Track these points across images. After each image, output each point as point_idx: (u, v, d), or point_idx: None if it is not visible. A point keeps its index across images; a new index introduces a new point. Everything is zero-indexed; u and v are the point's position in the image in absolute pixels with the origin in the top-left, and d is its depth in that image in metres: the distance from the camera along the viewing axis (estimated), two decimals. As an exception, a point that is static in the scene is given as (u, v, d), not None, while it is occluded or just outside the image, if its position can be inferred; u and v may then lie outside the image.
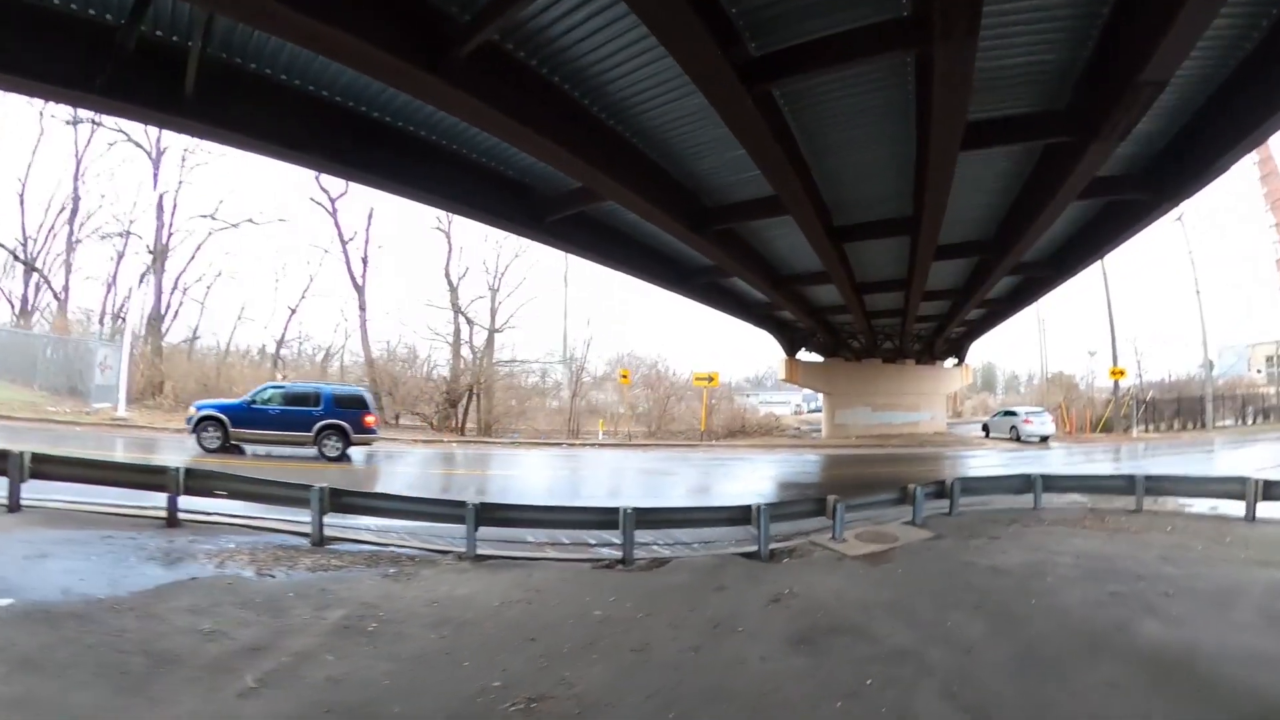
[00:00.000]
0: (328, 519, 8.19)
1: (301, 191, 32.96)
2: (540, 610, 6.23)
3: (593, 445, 24.04)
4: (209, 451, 14.81)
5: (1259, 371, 48.35)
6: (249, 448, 15.58)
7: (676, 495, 14.33)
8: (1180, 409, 33.38)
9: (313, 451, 15.58)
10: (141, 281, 30.22)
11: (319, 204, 29.42)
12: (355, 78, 8.37)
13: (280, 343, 31.17)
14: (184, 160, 30.97)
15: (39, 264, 31.94)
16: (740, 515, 9.00)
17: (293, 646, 4.96)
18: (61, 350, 26.90)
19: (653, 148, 10.40)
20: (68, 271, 30.97)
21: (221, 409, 15.76)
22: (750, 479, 17.27)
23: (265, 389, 16.77)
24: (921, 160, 9.88)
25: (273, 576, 6.64)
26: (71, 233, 30.86)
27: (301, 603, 5.92)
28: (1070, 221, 14.34)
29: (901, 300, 20.68)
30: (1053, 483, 11.61)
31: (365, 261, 29.58)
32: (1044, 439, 26.87)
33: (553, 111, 8.42)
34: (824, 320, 25.53)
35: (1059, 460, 21.18)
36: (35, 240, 31.83)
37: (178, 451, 14.58)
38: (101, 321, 30.51)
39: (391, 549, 8.13)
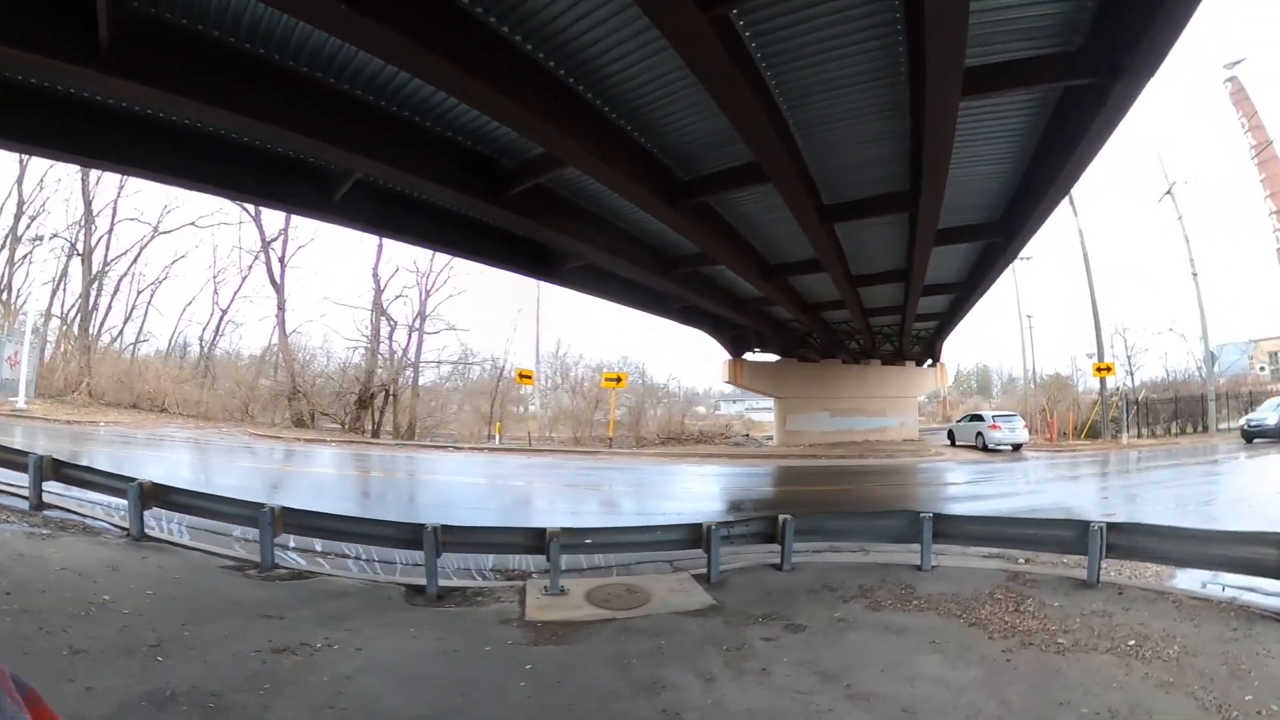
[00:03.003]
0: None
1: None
2: (73, 582, 5.41)
3: (486, 450, 19.95)
4: None
5: (1262, 369, 42.00)
6: None
7: (459, 507, 11.17)
8: (1178, 410, 27.56)
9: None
10: (90, 286, 27.45)
11: (242, 206, 25.82)
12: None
13: (213, 342, 27.81)
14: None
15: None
16: (413, 537, 6.49)
17: None
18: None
19: (402, 105, 7.72)
20: (10, 273, 28.49)
21: None
22: (586, 495, 13.35)
23: None
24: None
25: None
26: (16, 236, 28.29)
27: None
28: (1010, 157, 9.61)
29: (835, 287, 16.02)
30: (957, 528, 6.95)
31: (283, 262, 26.43)
32: (1016, 447, 21.60)
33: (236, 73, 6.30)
34: (762, 315, 20.88)
35: (1025, 476, 16.24)
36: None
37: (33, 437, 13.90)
38: (46, 321, 27.89)
39: (88, 520, 7.73)
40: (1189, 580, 6.02)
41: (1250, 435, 20.13)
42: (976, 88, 6.62)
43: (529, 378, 23.07)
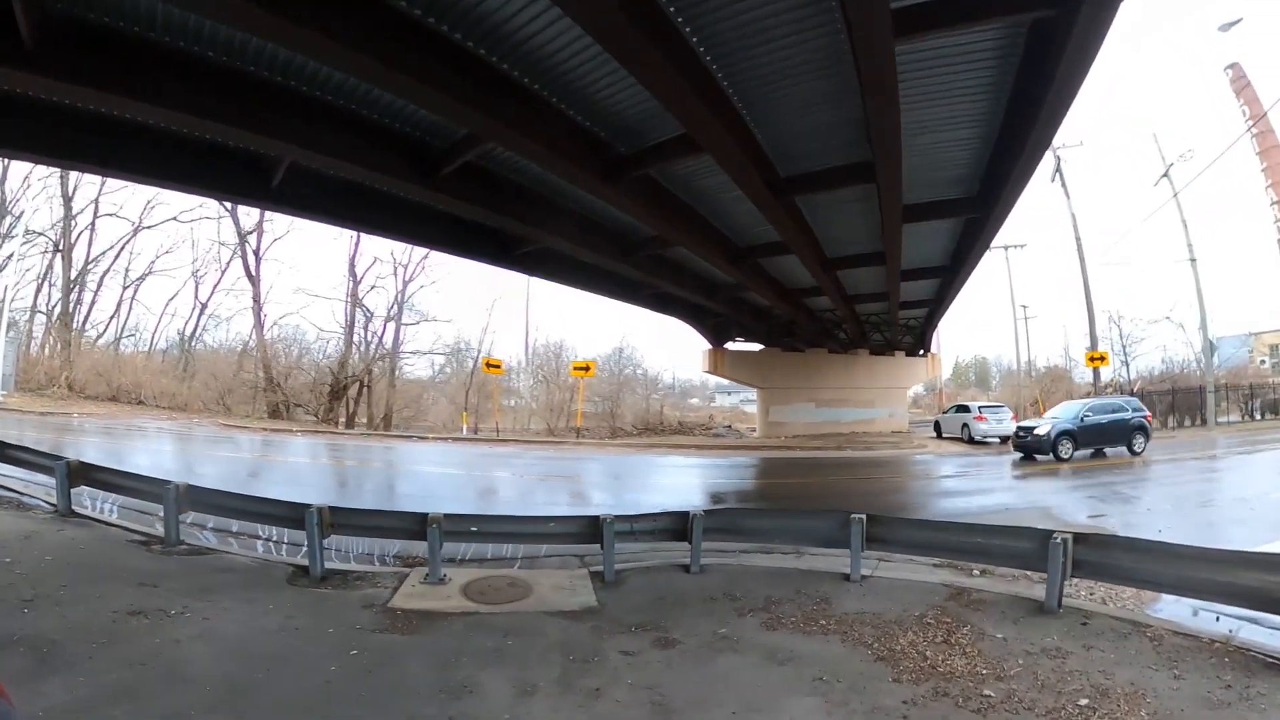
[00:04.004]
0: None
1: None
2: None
3: (451, 440, 19.21)
4: None
5: (1263, 362, 40.10)
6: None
7: (384, 492, 11.21)
8: (1175, 402, 25.93)
9: None
10: (72, 282, 26.72)
11: (221, 203, 24.86)
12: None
13: (193, 336, 26.99)
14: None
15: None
16: (299, 516, 6.07)
17: None
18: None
19: (323, 89, 7.34)
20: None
21: None
22: (524, 485, 12.37)
23: None
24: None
25: None
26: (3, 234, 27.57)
27: None
28: (979, 119, 8.26)
29: (810, 271, 14.71)
30: (895, 533, 5.85)
31: (258, 255, 25.59)
32: (1004, 440, 20.19)
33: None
34: (740, 302, 19.61)
35: (1007, 471, 14.85)
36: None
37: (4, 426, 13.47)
38: (31, 317, 27.28)
39: (25, 497, 7.85)
40: (1175, 608, 4.79)
41: (1023, 448, 15.71)
42: (916, 28, 5.46)
43: (497, 367, 21.98)
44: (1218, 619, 4.53)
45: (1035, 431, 15.62)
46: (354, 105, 7.62)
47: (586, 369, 21.52)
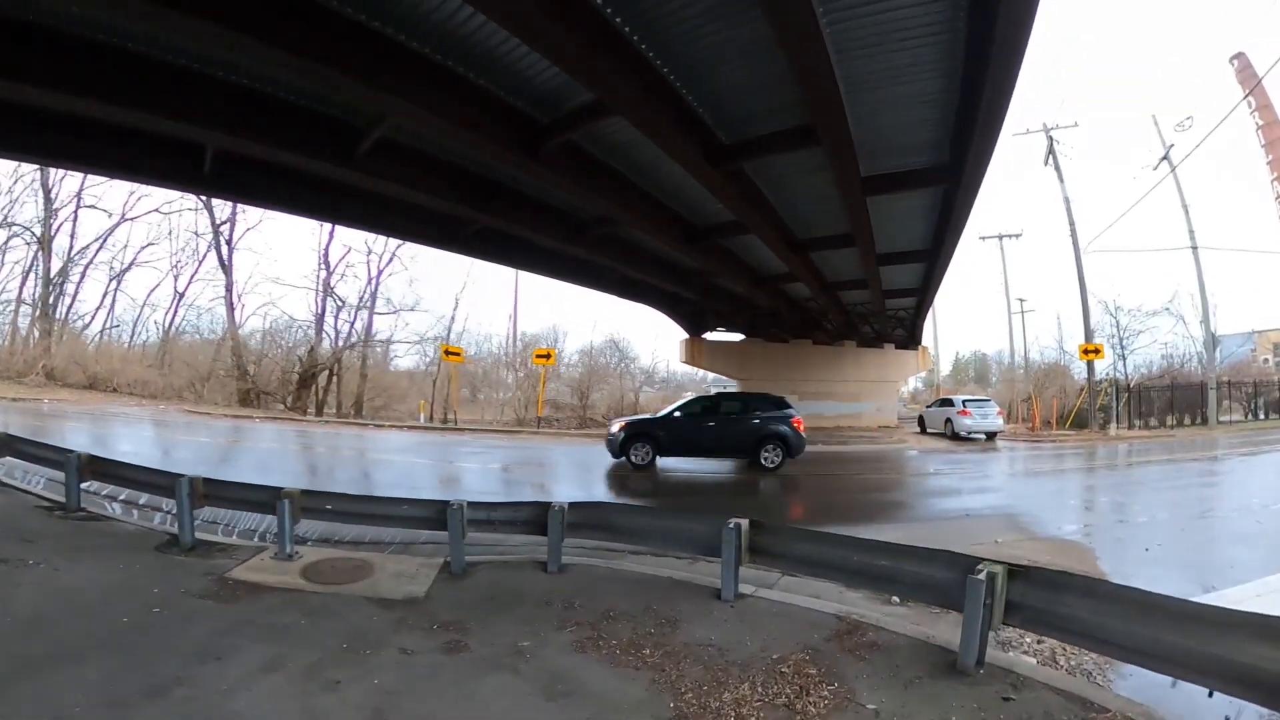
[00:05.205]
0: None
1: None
2: None
3: (406, 428, 18.35)
4: None
5: (1266, 360, 38.18)
6: None
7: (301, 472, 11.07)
8: (1174, 400, 24.21)
9: None
10: (53, 273, 26.06)
11: (197, 196, 23.96)
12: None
13: (170, 325, 26.24)
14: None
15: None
16: (172, 485, 5.95)
17: None
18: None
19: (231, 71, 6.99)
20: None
21: None
22: (445, 469, 11.70)
23: None
24: None
25: None
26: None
27: None
28: (937, 69, 6.84)
29: (776, 253, 13.32)
30: (784, 546, 4.64)
31: (230, 244, 25.10)
32: (990, 436, 18.76)
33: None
34: (714, 289, 18.32)
35: (982, 469, 13.54)
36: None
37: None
38: (18, 308, 26.68)
39: None
40: (1146, 680, 3.44)
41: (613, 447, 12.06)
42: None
43: (456, 354, 20.89)
44: (1210, 694, 3.21)
45: (612, 429, 12.38)
46: (270, 89, 7.13)
47: (547, 357, 20.35)
